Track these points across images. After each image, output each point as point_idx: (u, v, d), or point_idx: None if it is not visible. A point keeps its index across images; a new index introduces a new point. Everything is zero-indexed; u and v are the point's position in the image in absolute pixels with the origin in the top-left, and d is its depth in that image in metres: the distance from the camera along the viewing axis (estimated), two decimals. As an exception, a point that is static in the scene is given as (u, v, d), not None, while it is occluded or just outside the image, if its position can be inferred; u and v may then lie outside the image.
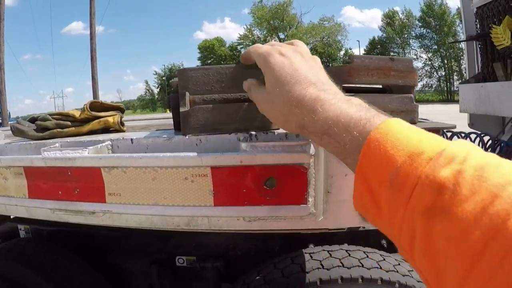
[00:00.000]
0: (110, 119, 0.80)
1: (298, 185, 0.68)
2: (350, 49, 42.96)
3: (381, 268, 0.94)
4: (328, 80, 0.51)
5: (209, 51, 43.56)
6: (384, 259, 0.97)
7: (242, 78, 0.70)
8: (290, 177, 0.68)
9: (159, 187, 0.68)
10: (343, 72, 0.78)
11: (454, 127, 0.82)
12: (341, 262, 1.00)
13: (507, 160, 0.31)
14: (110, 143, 0.72)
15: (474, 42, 3.35)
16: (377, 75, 0.78)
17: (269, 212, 0.68)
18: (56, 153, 0.67)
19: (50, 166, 0.67)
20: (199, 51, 45.86)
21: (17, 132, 0.76)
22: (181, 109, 0.68)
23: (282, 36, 40.69)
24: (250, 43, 41.68)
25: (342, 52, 41.72)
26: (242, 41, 43.75)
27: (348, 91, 0.84)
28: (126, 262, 1.14)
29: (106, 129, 0.84)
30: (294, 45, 0.56)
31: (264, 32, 41.05)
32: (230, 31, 70.43)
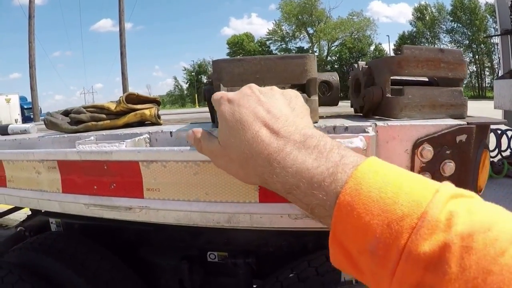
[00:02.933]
0: (147, 112, 0.71)
1: None
2: (380, 44, 40.57)
3: None
4: (285, 114, 0.41)
5: (238, 46, 40.63)
6: None
7: (278, 69, 0.62)
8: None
9: (201, 182, 0.60)
10: (392, 63, 0.69)
11: (505, 122, 0.72)
12: None
13: (498, 213, 0.27)
14: (148, 136, 0.64)
15: (509, 36, 3.17)
16: (427, 66, 0.69)
17: None
18: (92, 146, 0.58)
19: (85, 159, 0.59)
20: (228, 46, 42.88)
21: (50, 125, 0.68)
22: None
23: (311, 31, 38.64)
24: (279, 39, 40.21)
25: (372, 47, 39.21)
26: (271, 36, 40.99)
27: (396, 84, 0.75)
28: (157, 257, 1.06)
29: (142, 122, 0.76)
30: (245, 88, 0.46)
31: (293, 27, 39.07)
32: (257, 27, 67.68)
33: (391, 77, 0.75)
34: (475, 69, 35.16)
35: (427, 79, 0.81)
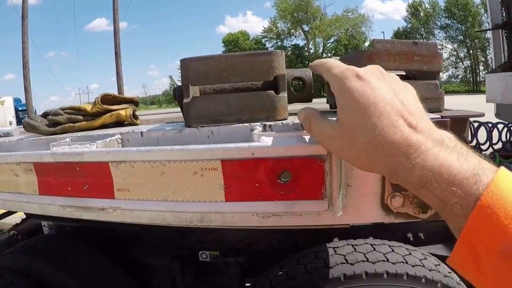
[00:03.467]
0: (122, 112, 0.73)
1: (314, 179, 0.58)
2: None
3: (407, 263, 0.83)
4: (418, 110, 0.40)
5: (234, 44, 39.87)
6: (410, 254, 0.86)
7: (244, 66, 0.62)
8: (305, 170, 0.58)
9: (168, 181, 0.60)
10: (363, 57, 0.67)
11: (483, 115, 0.70)
12: (365, 257, 0.90)
13: None
14: (120, 136, 0.65)
15: (500, 30, 3.14)
16: (399, 60, 0.67)
17: (284, 207, 0.59)
18: (65, 148, 0.60)
19: (59, 161, 0.60)
20: (223, 44, 42.12)
21: (28, 127, 0.70)
22: (184, 100, 0.60)
23: (306, 28, 38.63)
24: (275, 36, 40.24)
25: (367, 43, 38.26)
26: (267, 34, 41.01)
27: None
28: (148, 257, 1.07)
29: (119, 123, 0.77)
30: (374, 67, 0.43)
31: (288, 25, 39.04)
32: (253, 24, 68.10)
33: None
34: (469, 64, 35.70)
35: (404, 73, 0.79)
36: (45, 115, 0.73)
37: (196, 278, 1.10)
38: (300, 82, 0.74)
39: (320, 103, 1.01)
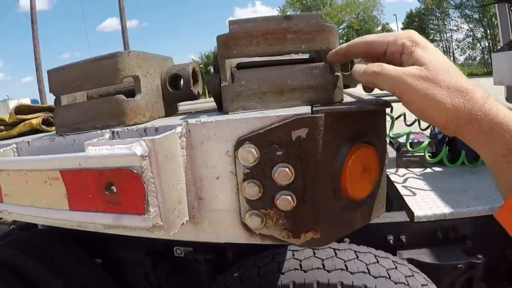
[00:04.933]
0: (34, 121, 0.78)
1: (135, 192, 0.52)
2: (387, 23, 39.39)
3: (369, 273, 0.78)
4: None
5: None
6: (376, 262, 0.81)
7: (93, 72, 0.58)
8: (126, 182, 0.52)
9: (30, 189, 0.62)
10: (219, 45, 0.55)
11: (387, 106, 0.49)
12: (322, 264, 0.81)
13: None
14: (15, 146, 0.69)
15: (506, 5, 2.65)
16: (265, 42, 0.53)
17: (114, 220, 0.54)
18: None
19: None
20: None
21: None
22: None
23: None
24: None
25: (379, 28, 37.77)
26: None
27: (245, 67, 0.60)
28: (124, 252, 1.14)
29: (37, 130, 0.82)
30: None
31: (298, 13, 37.57)
32: (262, 14, 66.56)
33: (238, 63, 0.60)
34: (487, 44, 32.13)
35: (307, 56, 0.61)
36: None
37: (170, 273, 1.12)
38: (181, 80, 0.66)
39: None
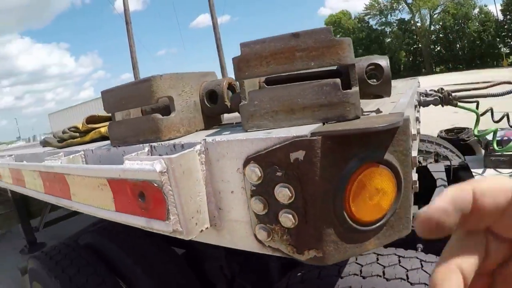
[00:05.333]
0: (102, 130, 0.91)
1: (159, 202, 0.59)
2: (485, 5, 34.79)
3: None
4: None
5: (336, 25, 39.13)
6: None
7: (134, 93, 0.67)
8: (152, 193, 0.60)
9: (88, 191, 0.74)
10: (233, 67, 0.58)
11: (398, 125, 0.47)
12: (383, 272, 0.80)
13: None
14: (83, 153, 0.83)
15: None
16: (275, 62, 0.55)
17: (146, 223, 0.63)
18: (48, 161, 0.84)
19: (47, 171, 0.84)
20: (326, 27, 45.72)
21: (45, 144, 1.00)
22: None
23: (409, 0, 35.07)
24: (377, 13, 38.16)
25: (476, 10, 34.52)
26: (369, 11, 39.40)
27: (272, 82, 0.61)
28: (202, 245, 1.24)
29: (106, 138, 0.95)
30: None
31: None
32: (354, 2, 64.57)
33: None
34: None
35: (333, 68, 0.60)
36: (54, 135, 1.02)
37: (243, 266, 1.20)
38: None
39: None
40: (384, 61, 0.61)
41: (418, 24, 36.15)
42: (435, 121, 4.47)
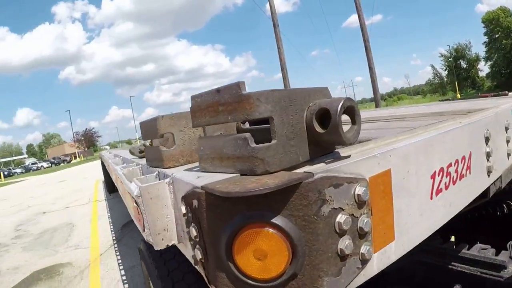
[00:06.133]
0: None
1: (141, 216, 0.76)
2: None
3: None
4: None
5: (495, 23, 37.37)
6: None
7: (147, 128, 0.85)
8: (138, 208, 0.77)
9: (127, 201, 0.98)
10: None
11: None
12: None
13: None
14: (141, 167, 1.10)
15: None
16: (209, 114, 0.63)
17: (141, 229, 0.81)
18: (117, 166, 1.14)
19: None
20: (483, 25, 39.43)
21: (130, 153, 1.31)
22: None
23: None
24: None
25: None
26: None
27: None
28: None
29: None
30: None
31: None
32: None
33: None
34: None
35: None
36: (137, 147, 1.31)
37: None
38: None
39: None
40: (334, 104, 0.54)
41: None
42: None
